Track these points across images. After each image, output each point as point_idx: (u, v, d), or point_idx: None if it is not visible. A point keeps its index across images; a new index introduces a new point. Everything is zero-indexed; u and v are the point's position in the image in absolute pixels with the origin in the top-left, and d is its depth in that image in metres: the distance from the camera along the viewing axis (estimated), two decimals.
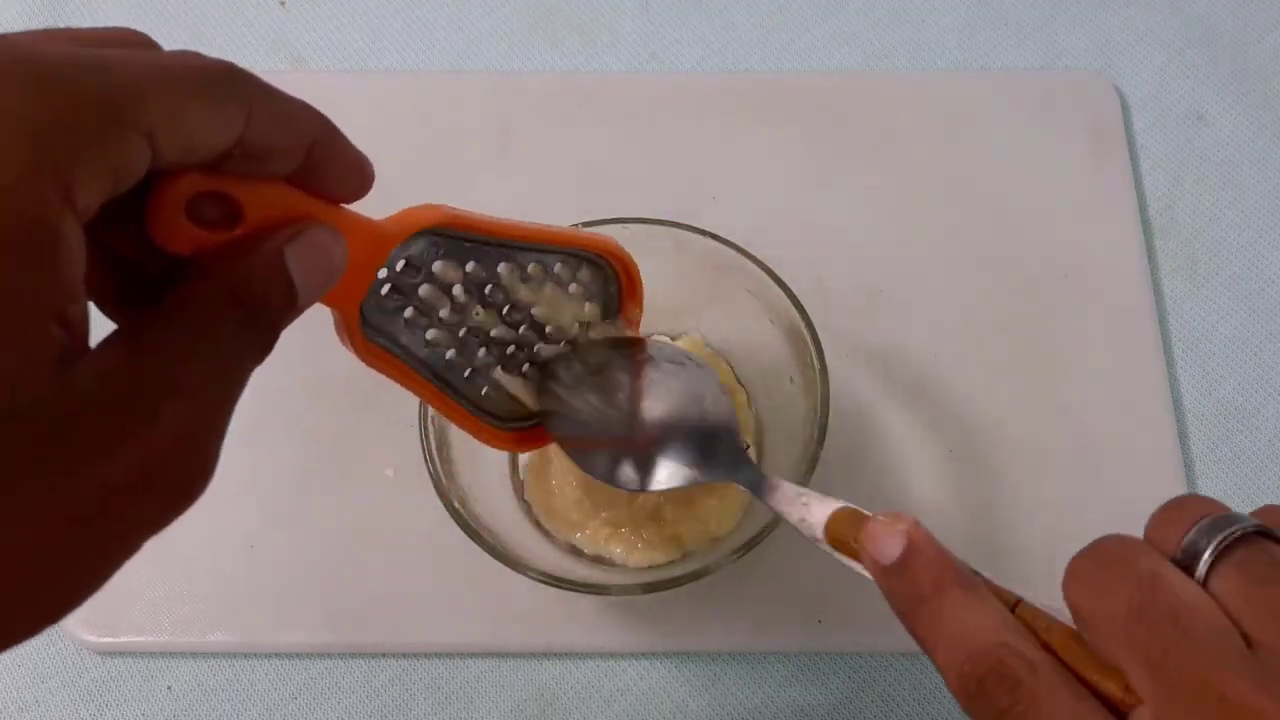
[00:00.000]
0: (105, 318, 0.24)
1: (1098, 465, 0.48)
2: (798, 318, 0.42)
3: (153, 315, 0.22)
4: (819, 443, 0.40)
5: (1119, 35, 0.59)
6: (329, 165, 0.25)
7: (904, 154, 0.55)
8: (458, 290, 0.34)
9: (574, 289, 0.39)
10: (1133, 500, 0.49)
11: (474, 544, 0.39)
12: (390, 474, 0.48)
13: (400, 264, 0.32)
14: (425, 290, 0.33)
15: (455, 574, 0.45)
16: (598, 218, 0.42)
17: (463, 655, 0.46)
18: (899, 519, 0.28)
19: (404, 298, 0.33)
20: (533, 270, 0.37)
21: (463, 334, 0.36)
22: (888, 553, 0.28)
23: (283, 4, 0.60)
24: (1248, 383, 0.51)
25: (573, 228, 0.39)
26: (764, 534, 0.39)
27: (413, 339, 0.34)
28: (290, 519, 0.47)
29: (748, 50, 0.59)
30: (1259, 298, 0.53)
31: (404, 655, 0.46)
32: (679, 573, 0.39)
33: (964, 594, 0.26)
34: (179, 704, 0.46)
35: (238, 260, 0.23)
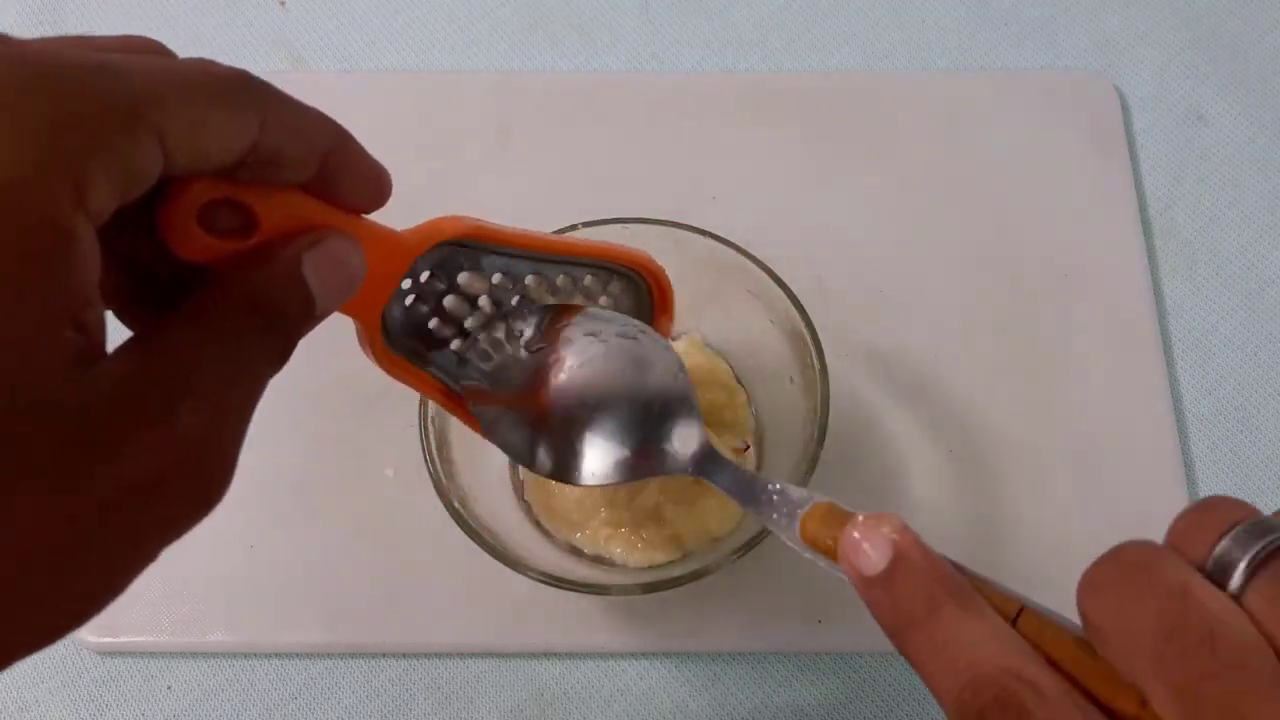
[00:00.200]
0: (121, 324, 0.24)
1: (1098, 465, 0.48)
2: (798, 318, 0.42)
3: (169, 321, 0.22)
4: (819, 443, 0.40)
5: (1119, 35, 0.59)
6: (345, 174, 0.25)
7: (904, 154, 0.55)
8: (484, 302, 0.34)
9: (604, 302, 0.38)
10: (1133, 500, 0.50)
11: (474, 544, 0.39)
12: (390, 474, 0.48)
13: (425, 275, 0.32)
14: (450, 301, 0.33)
15: (455, 574, 0.45)
16: (598, 218, 0.42)
17: (463, 655, 0.46)
18: (883, 520, 0.26)
19: (429, 308, 0.32)
20: (561, 283, 0.36)
21: (490, 345, 0.35)
22: (872, 563, 0.25)
23: (283, 4, 0.60)
24: (1248, 383, 0.51)
25: (604, 240, 0.38)
26: (764, 534, 0.39)
27: (437, 349, 0.33)
28: (290, 519, 0.48)
29: (748, 50, 0.59)
30: (1259, 298, 0.53)
31: (404, 655, 0.46)
32: (679, 573, 0.39)
33: (960, 610, 0.24)
34: (179, 704, 0.46)
35: (255, 268, 0.23)
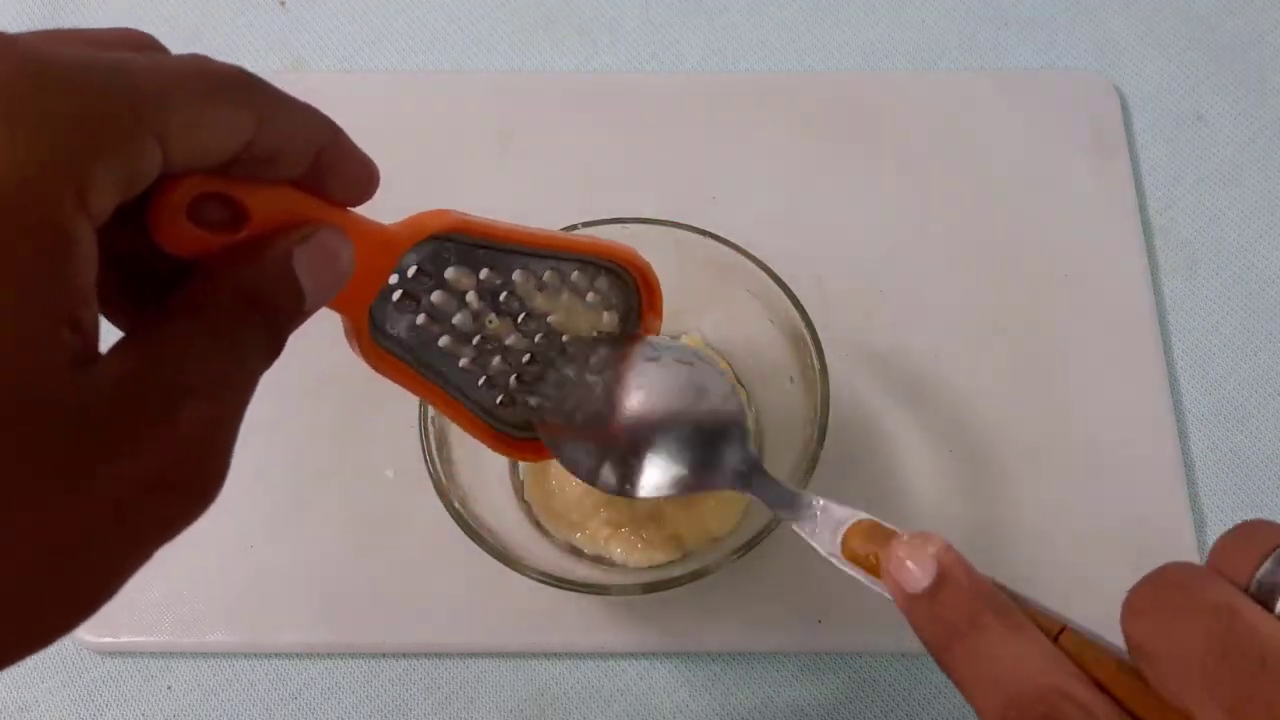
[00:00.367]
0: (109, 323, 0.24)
1: (1098, 465, 0.48)
2: (798, 318, 0.42)
3: (160, 319, 0.22)
4: (819, 443, 0.40)
5: (1119, 35, 0.59)
6: (335, 169, 0.25)
7: (904, 154, 0.55)
8: (471, 297, 0.34)
9: (591, 298, 0.38)
10: (1133, 500, 0.50)
11: (474, 544, 0.39)
12: (390, 474, 0.48)
13: (412, 269, 0.31)
14: (437, 296, 0.33)
15: (455, 574, 0.45)
16: (598, 218, 0.42)
17: (463, 655, 0.46)
18: (928, 540, 0.26)
19: (416, 304, 0.32)
20: (548, 278, 0.36)
21: (476, 341, 0.35)
22: (916, 580, 0.25)
23: (283, 4, 0.60)
24: (1248, 383, 0.51)
25: (591, 236, 0.38)
26: (764, 534, 0.39)
27: (425, 346, 0.33)
28: (290, 519, 0.48)
29: (748, 50, 0.59)
30: (1259, 298, 0.53)
31: (404, 655, 0.46)
32: (679, 573, 0.39)
33: (1004, 627, 0.24)
34: (179, 704, 0.46)
35: (245, 263, 0.23)
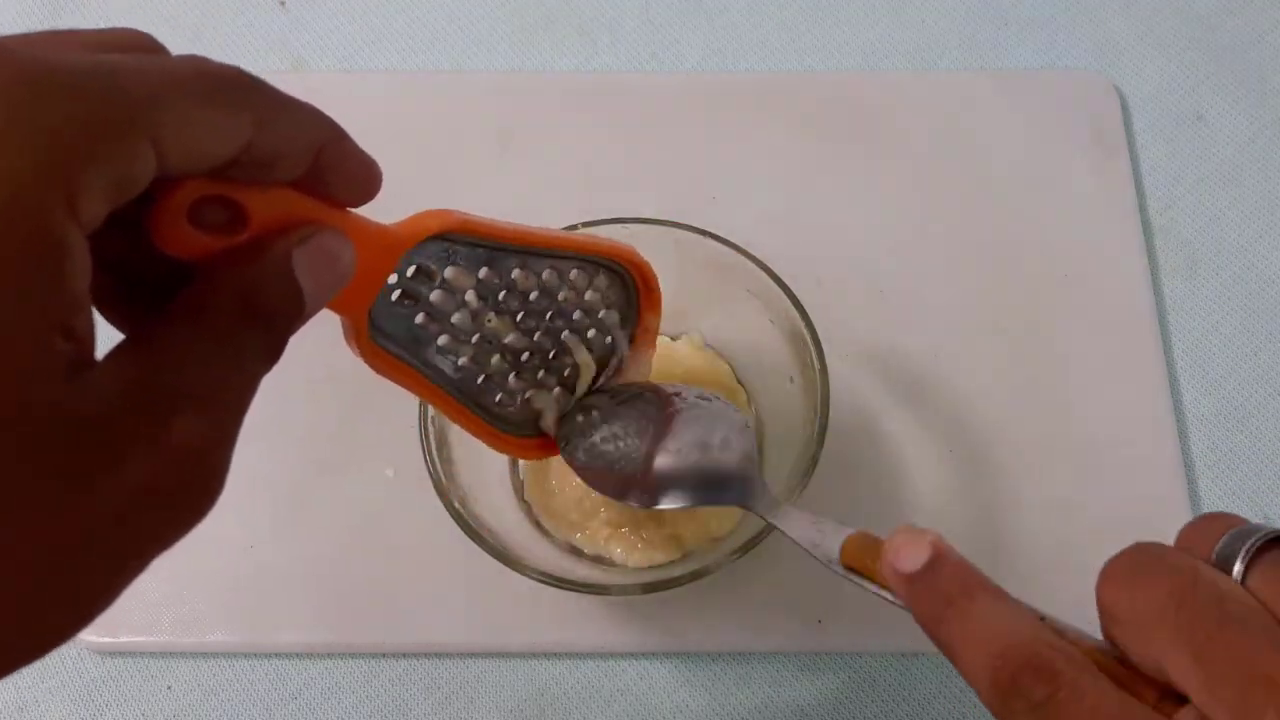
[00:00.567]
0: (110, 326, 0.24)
1: (1098, 465, 0.48)
2: (798, 318, 0.42)
3: (159, 323, 0.21)
4: (819, 443, 0.40)
5: (1119, 35, 0.59)
6: (336, 170, 0.25)
7: (904, 154, 0.55)
8: (470, 297, 0.34)
9: (590, 296, 0.38)
10: (1133, 500, 0.50)
11: (474, 544, 0.39)
12: (390, 474, 0.48)
13: (411, 269, 0.31)
14: (437, 296, 0.33)
15: (455, 574, 0.45)
16: (598, 218, 0.42)
17: (463, 655, 0.46)
18: (923, 532, 0.28)
19: (415, 304, 0.32)
20: (547, 277, 0.36)
21: (476, 340, 0.35)
22: (912, 560, 0.27)
23: (283, 4, 0.60)
24: (1248, 383, 0.51)
25: (589, 234, 0.38)
26: (764, 534, 0.39)
27: (423, 345, 0.33)
28: (290, 519, 0.48)
29: (748, 50, 0.59)
30: (1259, 298, 0.53)
31: (404, 655, 0.46)
32: (679, 573, 0.39)
33: (993, 598, 0.26)
34: (179, 704, 0.46)
35: (245, 266, 0.23)
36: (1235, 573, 0.24)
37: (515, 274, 0.35)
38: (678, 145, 0.55)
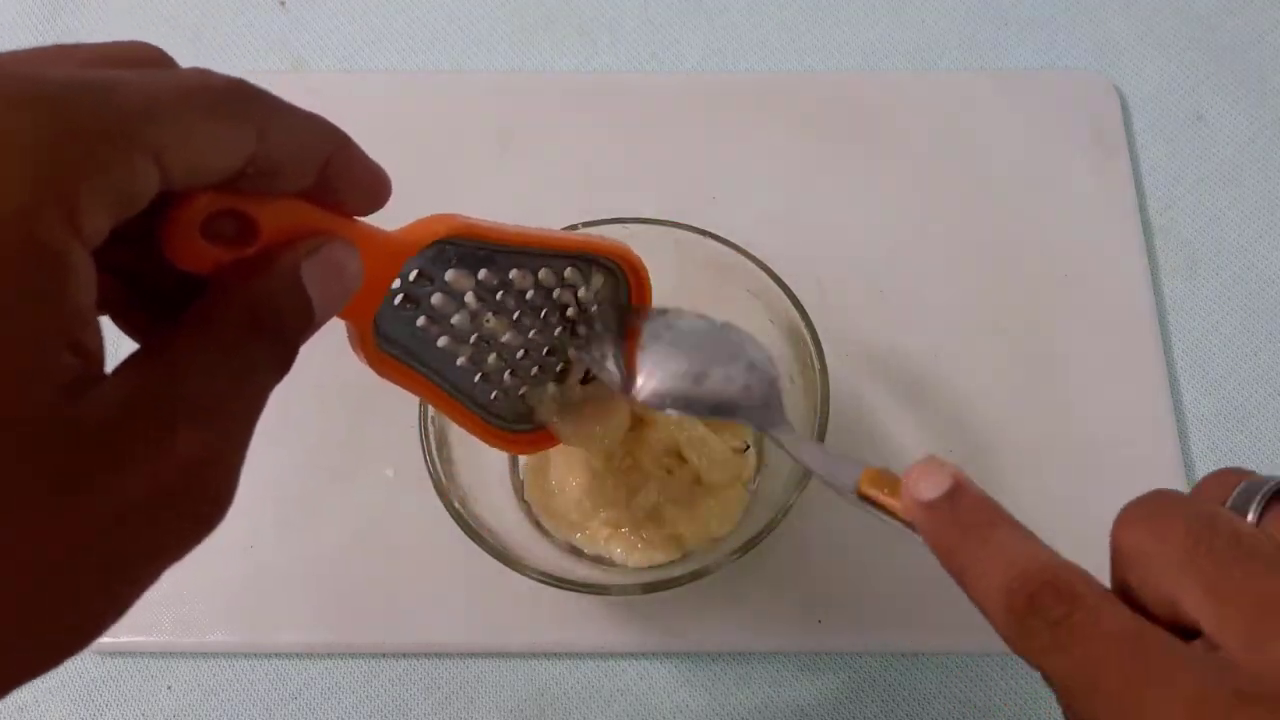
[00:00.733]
0: (123, 335, 0.24)
1: (1098, 465, 0.48)
2: (798, 318, 0.42)
3: (170, 335, 0.22)
4: (819, 442, 0.40)
5: (1119, 35, 0.59)
6: (344, 179, 0.25)
7: (904, 154, 0.55)
8: (469, 298, 0.34)
9: (584, 294, 0.39)
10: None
11: (474, 544, 0.39)
12: (390, 474, 0.48)
13: (413, 274, 0.32)
14: (438, 299, 0.33)
15: (455, 574, 0.45)
16: (598, 218, 0.42)
17: (463, 655, 0.46)
18: (944, 463, 0.27)
19: (416, 307, 0.32)
20: (543, 276, 0.36)
21: (474, 340, 0.35)
22: (933, 489, 0.27)
23: (283, 4, 0.60)
24: (1248, 383, 0.51)
25: (583, 233, 0.38)
26: (764, 534, 0.39)
27: (425, 347, 0.34)
28: (290, 519, 0.48)
29: (748, 50, 0.59)
30: (1259, 298, 0.53)
31: (404, 655, 0.46)
32: (679, 573, 0.39)
33: (1012, 527, 0.26)
34: (179, 704, 0.46)
35: (254, 278, 0.23)
36: (1251, 515, 0.24)
37: (513, 274, 0.35)
38: (678, 145, 0.55)
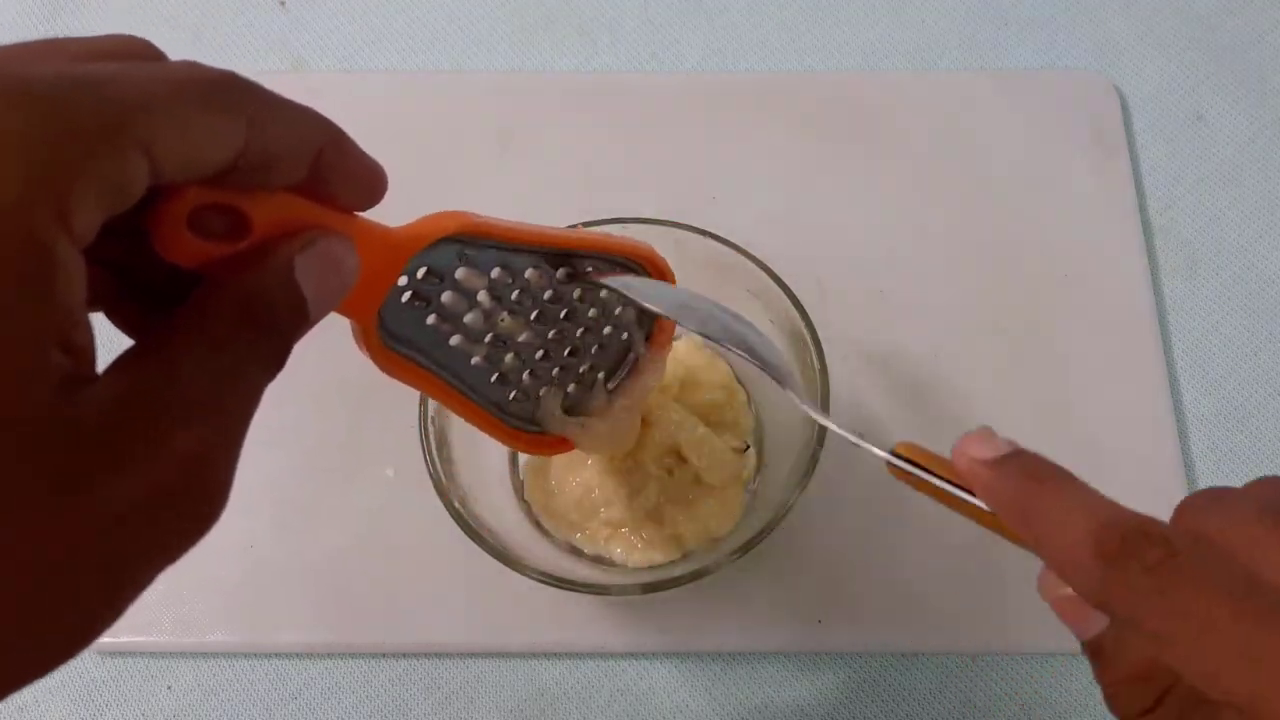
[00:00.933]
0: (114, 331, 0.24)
1: (1098, 465, 0.47)
2: (798, 318, 0.42)
3: (163, 332, 0.21)
4: (819, 443, 0.40)
5: (1119, 35, 0.59)
6: (338, 173, 0.25)
7: (904, 154, 0.55)
8: (483, 296, 0.33)
9: (605, 294, 0.38)
10: (1133, 500, 0.49)
11: (474, 544, 0.39)
12: (390, 474, 0.48)
13: (422, 271, 0.31)
14: (448, 297, 0.32)
15: (455, 574, 0.45)
16: (598, 218, 0.42)
17: (463, 655, 0.46)
18: (998, 435, 0.27)
19: (427, 305, 0.32)
20: (561, 276, 0.36)
21: (489, 340, 0.35)
22: (996, 448, 0.26)
23: (283, 4, 0.60)
24: (1248, 383, 0.51)
25: (606, 233, 0.38)
26: (764, 534, 0.39)
27: (436, 345, 0.33)
28: (290, 519, 0.48)
29: (748, 50, 0.59)
30: (1259, 298, 0.53)
31: (404, 655, 0.46)
32: (679, 573, 0.39)
33: (1088, 486, 0.25)
34: (179, 704, 0.46)
35: (246, 274, 0.23)
36: None
37: (529, 274, 0.35)
38: (678, 145, 0.55)
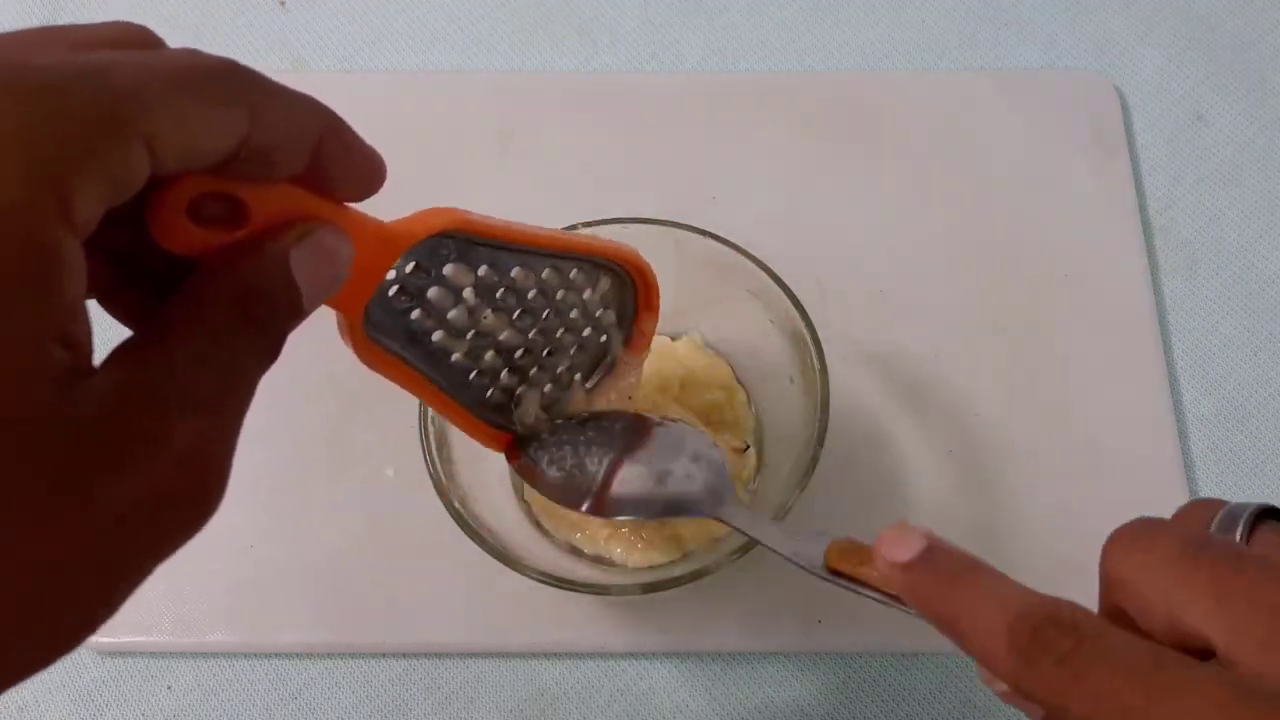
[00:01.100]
0: (111, 322, 0.24)
1: (1098, 465, 0.48)
2: (798, 318, 0.42)
3: (158, 324, 0.21)
4: (819, 443, 0.40)
5: (1119, 35, 0.59)
6: (337, 164, 0.24)
7: (904, 154, 0.55)
8: (468, 294, 0.34)
9: (589, 296, 0.38)
10: (1133, 501, 0.49)
11: (474, 544, 0.39)
12: (390, 474, 0.48)
13: (410, 265, 0.31)
14: (434, 293, 0.32)
15: (455, 574, 0.45)
16: (597, 218, 0.42)
17: (463, 655, 0.46)
18: (914, 528, 0.27)
19: (412, 299, 0.32)
20: (547, 276, 0.36)
21: (470, 336, 0.35)
22: (910, 548, 0.26)
23: (283, 4, 0.60)
24: (1248, 383, 0.51)
25: (593, 235, 0.38)
26: None
27: (418, 340, 0.33)
28: (290, 519, 0.48)
29: (748, 50, 0.59)
30: (1259, 298, 0.53)
31: (404, 655, 0.46)
32: (679, 573, 0.39)
33: (997, 573, 0.26)
34: (179, 704, 0.46)
35: (242, 265, 0.23)
36: (1238, 536, 0.24)
37: (515, 272, 0.35)
38: (678, 145, 0.55)
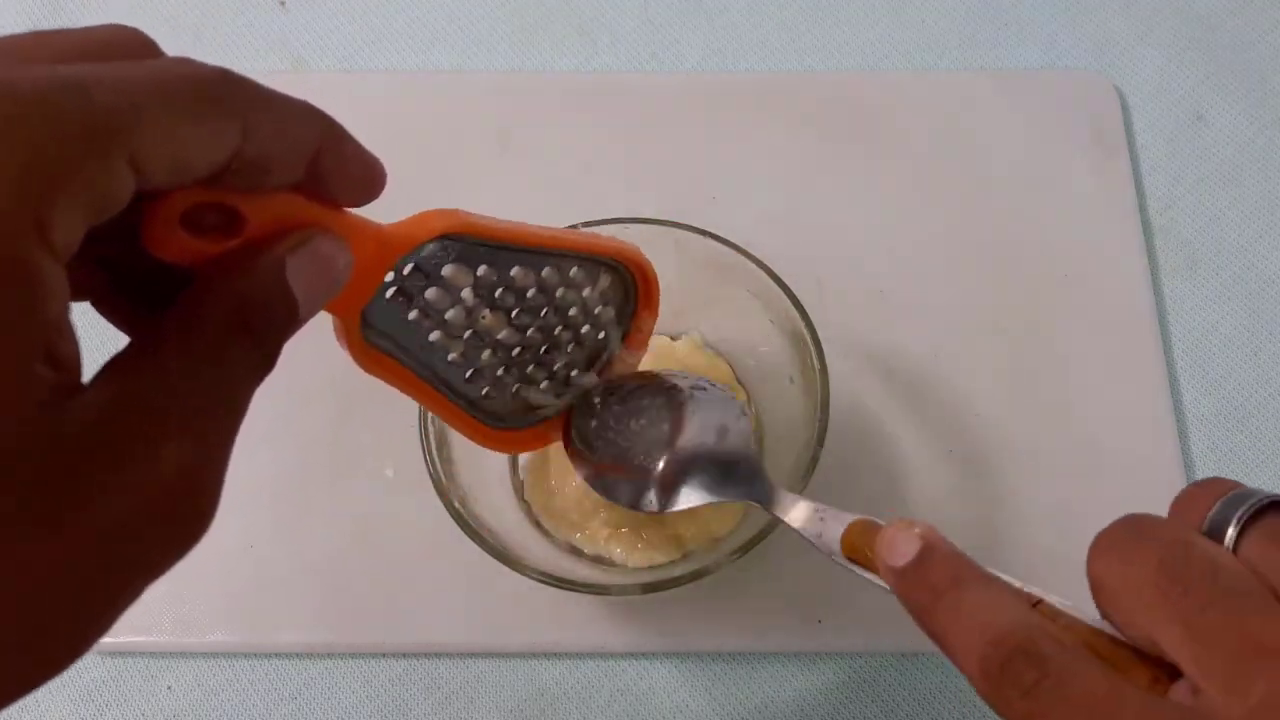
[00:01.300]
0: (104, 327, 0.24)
1: (1098, 465, 0.48)
2: (798, 318, 0.42)
3: (151, 337, 0.21)
4: (819, 443, 0.40)
5: (1119, 35, 0.59)
6: (335, 171, 0.24)
7: (904, 154, 0.55)
8: (467, 294, 0.33)
9: (589, 294, 0.38)
10: (1133, 501, 0.49)
11: (474, 544, 0.39)
12: (390, 474, 0.48)
13: (408, 267, 0.31)
14: (432, 294, 0.32)
15: (455, 574, 0.45)
16: (597, 218, 0.42)
17: (463, 655, 0.46)
18: (913, 524, 0.28)
19: (409, 300, 0.32)
20: (547, 275, 0.36)
21: (467, 336, 0.35)
22: (902, 554, 0.27)
23: (283, 4, 0.60)
24: (1248, 382, 0.51)
25: (591, 233, 0.38)
26: (764, 534, 0.39)
27: (414, 340, 0.33)
28: (290, 519, 0.48)
29: (748, 50, 0.59)
30: (1259, 298, 0.53)
31: (404, 655, 0.46)
32: (679, 573, 0.39)
33: (983, 587, 0.26)
34: (179, 704, 0.46)
35: (238, 275, 0.22)
36: (1228, 539, 0.24)
37: (514, 271, 0.35)
38: (678, 145, 0.55)
